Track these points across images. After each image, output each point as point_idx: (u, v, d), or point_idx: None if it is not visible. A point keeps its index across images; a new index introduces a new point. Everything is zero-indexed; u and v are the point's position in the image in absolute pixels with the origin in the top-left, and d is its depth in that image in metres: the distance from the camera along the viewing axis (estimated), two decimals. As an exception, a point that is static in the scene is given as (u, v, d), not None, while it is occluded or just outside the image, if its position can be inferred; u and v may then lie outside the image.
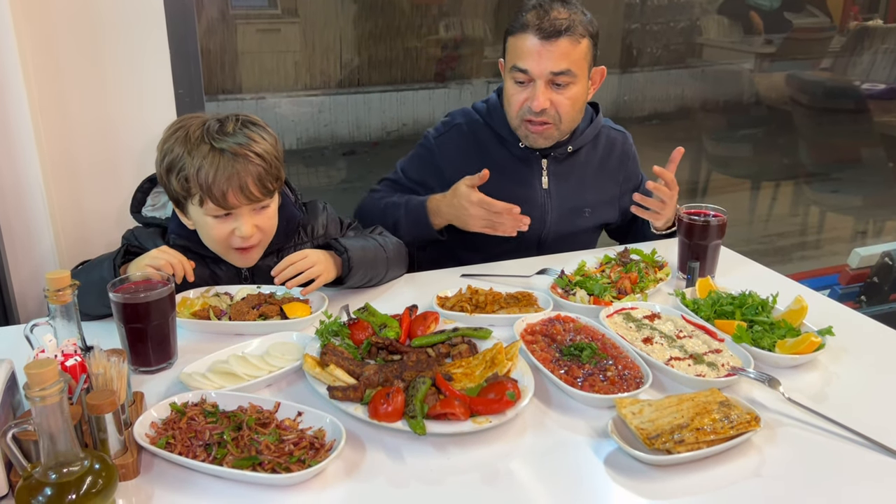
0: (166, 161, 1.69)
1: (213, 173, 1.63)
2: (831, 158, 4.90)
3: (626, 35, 4.12)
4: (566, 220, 2.20)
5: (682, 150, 1.96)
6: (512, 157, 2.17)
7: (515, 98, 2.05)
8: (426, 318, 1.60)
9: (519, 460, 1.23)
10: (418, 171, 2.24)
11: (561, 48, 1.94)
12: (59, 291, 1.25)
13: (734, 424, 1.21)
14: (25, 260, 2.01)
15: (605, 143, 2.25)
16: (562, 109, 2.02)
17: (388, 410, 1.25)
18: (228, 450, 1.17)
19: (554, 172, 2.17)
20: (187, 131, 1.69)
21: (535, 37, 1.94)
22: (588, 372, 1.41)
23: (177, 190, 1.69)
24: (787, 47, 4.53)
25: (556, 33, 1.93)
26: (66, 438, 1.00)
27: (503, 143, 2.17)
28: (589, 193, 2.22)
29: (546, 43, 1.94)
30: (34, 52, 1.91)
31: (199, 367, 1.43)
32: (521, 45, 1.98)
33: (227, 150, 1.65)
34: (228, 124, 1.69)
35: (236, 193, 1.65)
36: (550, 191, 2.17)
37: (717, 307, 1.64)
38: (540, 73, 1.97)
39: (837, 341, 1.55)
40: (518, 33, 1.99)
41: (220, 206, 1.66)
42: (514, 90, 2.05)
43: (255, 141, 1.69)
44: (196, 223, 1.75)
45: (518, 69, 1.99)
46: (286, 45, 3.36)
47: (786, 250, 4.67)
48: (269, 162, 1.69)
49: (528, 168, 2.17)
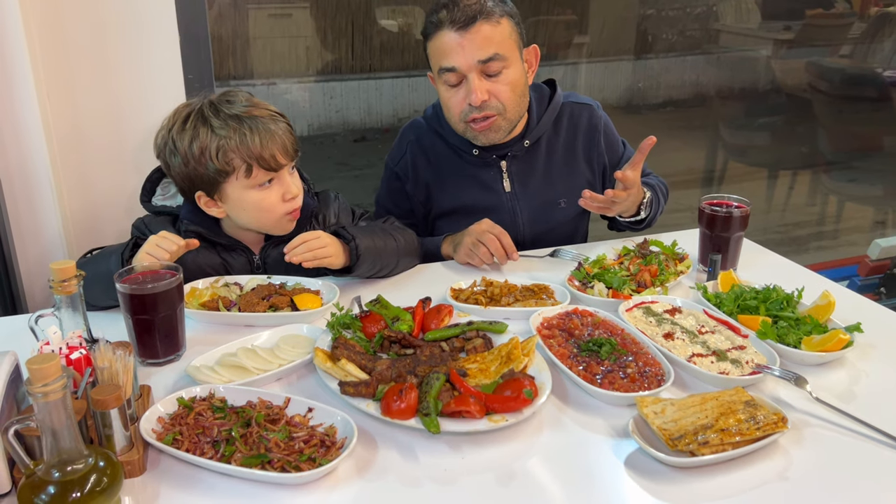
0: (195, 146, 1.65)
1: (257, 139, 1.65)
2: (851, 147, 4.82)
3: (642, 21, 4.06)
4: (539, 217, 2.11)
5: (653, 139, 1.81)
6: (469, 166, 2.08)
7: (453, 101, 1.94)
8: (440, 311, 1.56)
9: (535, 460, 1.19)
10: (395, 203, 2.19)
11: (481, 34, 1.84)
12: (64, 282, 1.22)
13: (761, 426, 1.17)
14: (33, 247, 1.99)
15: (569, 124, 2.12)
16: (502, 97, 1.91)
17: (402, 407, 1.22)
18: (237, 447, 1.14)
19: (515, 173, 2.08)
20: (201, 112, 1.67)
21: (451, 30, 1.84)
22: (607, 369, 1.36)
23: (217, 169, 1.65)
24: (806, 33, 4.45)
25: (471, 19, 1.83)
26: (69, 435, 0.98)
27: (456, 152, 2.09)
28: (559, 183, 2.11)
29: (464, 33, 1.83)
30: (42, 36, 1.87)
31: (208, 360, 1.40)
32: (440, 44, 1.88)
33: (256, 115, 1.67)
34: (231, 97, 1.71)
35: (281, 153, 1.69)
36: (515, 192, 2.08)
37: (740, 301, 1.59)
38: (468, 66, 1.86)
39: (865, 337, 1.50)
40: (434, 34, 1.89)
41: (271, 168, 1.67)
42: (449, 94, 1.94)
43: (263, 104, 1.73)
44: (237, 203, 1.71)
45: (445, 69, 1.89)
46: (297, 30, 3.32)
47: (803, 240, 4.60)
48: (286, 118, 1.75)
49: (487, 173, 2.08)
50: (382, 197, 2.24)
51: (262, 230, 1.81)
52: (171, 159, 1.70)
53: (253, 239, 1.83)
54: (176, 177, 1.72)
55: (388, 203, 2.21)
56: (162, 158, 1.73)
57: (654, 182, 2.12)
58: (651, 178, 2.18)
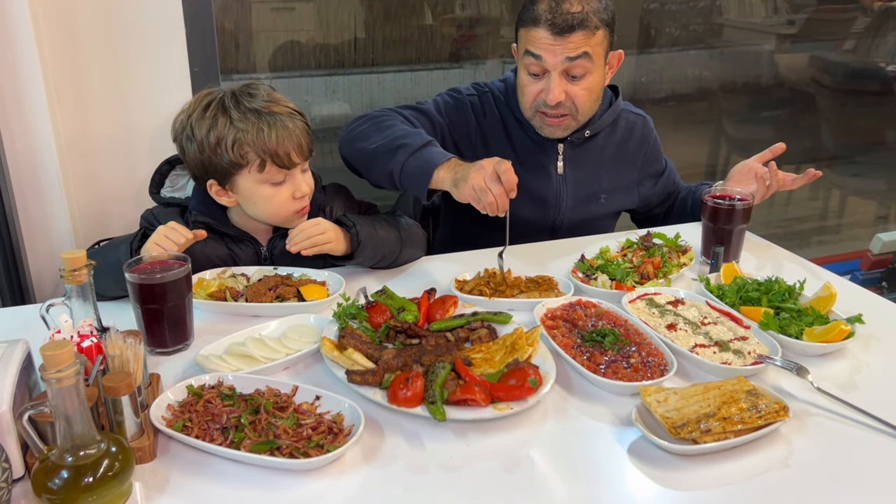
0: (212, 135, 1.66)
1: (274, 135, 1.66)
2: (854, 141, 4.81)
3: (645, 15, 4.05)
4: (581, 206, 2.15)
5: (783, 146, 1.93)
6: (529, 140, 2.12)
7: (529, 90, 1.98)
8: (445, 301, 1.57)
9: (540, 448, 1.20)
10: (450, 114, 2.10)
11: (575, 42, 1.86)
12: (74, 271, 1.23)
13: (762, 414, 1.18)
14: (41, 239, 2.01)
15: (624, 128, 2.19)
16: (578, 100, 1.95)
17: (408, 395, 1.23)
18: (246, 433, 1.16)
19: (570, 158, 2.12)
20: (223, 102, 1.68)
21: (548, 31, 1.86)
22: (611, 359, 1.38)
23: (231, 160, 1.67)
24: (810, 28, 4.44)
25: (570, 28, 1.84)
26: (82, 421, 0.99)
27: (521, 125, 2.12)
28: (605, 179, 2.17)
29: (559, 38, 1.85)
30: (49, 30, 1.88)
31: (216, 349, 1.42)
32: (532, 36, 1.89)
33: (276, 111, 1.68)
34: (253, 89, 1.72)
35: (297, 152, 1.70)
36: (566, 176, 2.13)
37: (742, 293, 1.60)
38: (553, 65, 1.89)
39: (867, 329, 1.51)
40: (529, 26, 1.90)
41: (284, 166, 1.69)
42: (528, 81, 1.97)
43: (283, 100, 1.74)
44: (248, 195, 1.73)
45: (531, 54, 1.91)
46: (301, 23, 3.32)
47: (805, 234, 4.60)
48: (304, 117, 1.76)
49: (543, 153, 2.12)
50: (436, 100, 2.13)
51: (270, 223, 1.82)
52: (188, 145, 1.71)
53: (260, 230, 1.85)
54: (190, 162, 1.74)
55: (443, 106, 2.10)
56: (178, 143, 1.74)
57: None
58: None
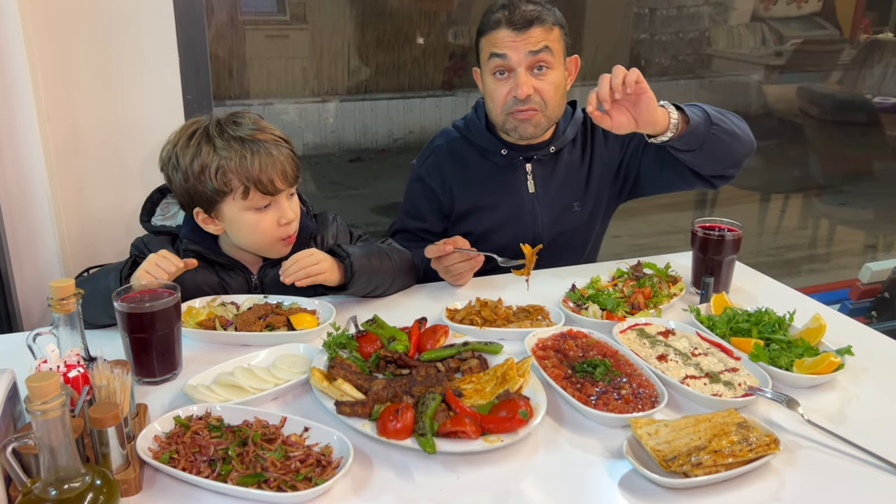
0: (196, 163, 1.67)
1: (257, 162, 1.66)
2: (841, 171, 4.87)
3: (635, 45, 4.10)
4: (557, 220, 2.18)
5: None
6: (495, 167, 2.16)
7: (498, 93, 2.02)
8: (435, 331, 1.57)
9: (531, 480, 1.19)
10: (415, 205, 2.25)
11: (535, 36, 1.94)
12: (63, 300, 1.22)
13: (753, 447, 1.18)
14: (30, 266, 1.99)
15: (586, 135, 2.23)
16: (546, 95, 2.00)
17: (398, 427, 1.22)
18: (233, 466, 1.14)
19: (539, 175, 2.16)
20: (207, 131, 1.69)
21: (508, 29, 1.94)
22: (602, 390, 1.37)
23: (215, 188, 1.68)
24: (797, 59, 4.51)
25: (528, 23, 1.93)
26: (67, 453, 0.98)
27: (484, 154, 2.16)
28: (575, 188, 2.20)
29: (520, 34, 1.94)
30: (42, 55, 1.89)
31: (204, 379, 1.40)
32: (494, 38, 1.97)
33: (260, 139, 1.69)
34: (239, 118, 1.73)
35: (281, 178, 1.70)
36: (538, 194, 2.16)
37: (732, 324, 1.61)
38: (518, 60, 1.95)
39: (856, 360, 1.51)
40: (489, 31, 1.99)
41: (268, 192, 1.69)
42: (496, 85, 2.02)
43: (270, 127, 1.75)
44: (233, 223, 1.73)
45: (496, 55, 1.97)
46: (294, 51, 3.35)
47: (794, 263, 4.63)
48: (290, 144, 1.76)
49: (513, 174, 2.15)
50: (403, 202, 2.30)
51: (256, 252, 1.82)
52: (174, 174, 1.72)
53: (251, 259, 1.84)
54: (176, 191, 1.75)
55: (408, 205, 2.27)
56: (165, 172, 1.75)
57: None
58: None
